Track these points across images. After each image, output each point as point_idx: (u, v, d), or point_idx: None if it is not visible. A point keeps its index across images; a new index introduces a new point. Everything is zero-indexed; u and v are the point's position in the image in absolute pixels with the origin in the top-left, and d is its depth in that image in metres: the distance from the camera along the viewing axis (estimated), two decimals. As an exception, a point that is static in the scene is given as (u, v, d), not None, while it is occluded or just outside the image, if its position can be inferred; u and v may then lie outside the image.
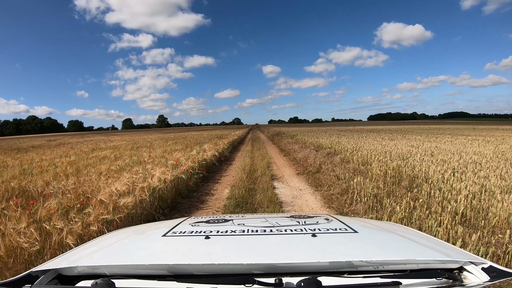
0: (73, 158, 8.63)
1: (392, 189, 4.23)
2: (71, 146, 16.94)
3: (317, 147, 10.31)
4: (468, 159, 6.12)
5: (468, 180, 4.16)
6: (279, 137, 18.16)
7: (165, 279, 0.80)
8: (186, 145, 12.24)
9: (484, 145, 9.25)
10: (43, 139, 33.26)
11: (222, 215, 1.41)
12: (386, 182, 4.62)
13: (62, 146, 17.93)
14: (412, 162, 5.82)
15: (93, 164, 7.11)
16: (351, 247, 0.92)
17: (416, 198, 3.69)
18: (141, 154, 9.01)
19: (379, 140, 12.20)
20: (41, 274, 0.84)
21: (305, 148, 10.39)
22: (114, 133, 59.29)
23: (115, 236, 1.22)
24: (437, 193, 3.68)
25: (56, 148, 15.19)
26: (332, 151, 8.41)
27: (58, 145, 19.60)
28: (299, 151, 9.94)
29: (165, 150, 9.88)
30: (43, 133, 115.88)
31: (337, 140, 12.22)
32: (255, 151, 12.05)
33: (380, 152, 7.59)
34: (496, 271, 0.80)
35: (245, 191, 4.86)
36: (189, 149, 9.38)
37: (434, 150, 7.97)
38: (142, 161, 6.46)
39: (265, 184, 5.46)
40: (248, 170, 6.88)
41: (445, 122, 74.78)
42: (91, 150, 12.39)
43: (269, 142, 18.15)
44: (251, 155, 10.51)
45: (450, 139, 12.65)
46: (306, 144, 11.70)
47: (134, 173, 4.67)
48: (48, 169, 6.18)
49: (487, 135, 15.87)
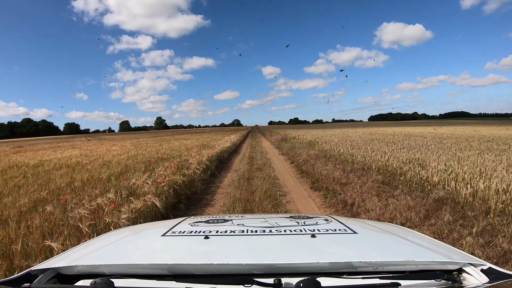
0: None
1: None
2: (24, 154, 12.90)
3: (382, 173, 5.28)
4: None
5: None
6: (290, 145, 12.89)
7: (164, 278, 0.79)
8: (132, 166, 6.93)
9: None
10: (13, 144, 29.24)
11: (221, 215, 1.41)
12: None
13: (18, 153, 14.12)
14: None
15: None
16: (350, 248, 0.93)
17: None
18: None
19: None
20: (40, 273, 0.83)
21: (362, 175, 5.35)
22: (92, 137, 55.39)
23: (115, 236, 1.22)
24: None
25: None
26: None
27: (17, 152, 15.74)
28: (351, 185, 4.90)
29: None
30: (38, 135, 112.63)
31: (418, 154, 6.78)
32: (255, 182, 5.96)
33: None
34: (495, 273, 0.79)
35: None
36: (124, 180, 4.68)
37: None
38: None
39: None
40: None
41: (447, 122, 71.28)
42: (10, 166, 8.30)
43: (279, 155, 11.30)
44: (249, 198, 4.59)
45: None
46: (348, 162, 6.73)
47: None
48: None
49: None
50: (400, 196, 3.84)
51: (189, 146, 13.43)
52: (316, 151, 9.42)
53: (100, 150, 13.75)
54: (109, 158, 9.37)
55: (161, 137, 28.67)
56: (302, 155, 9.08)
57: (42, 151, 15.21)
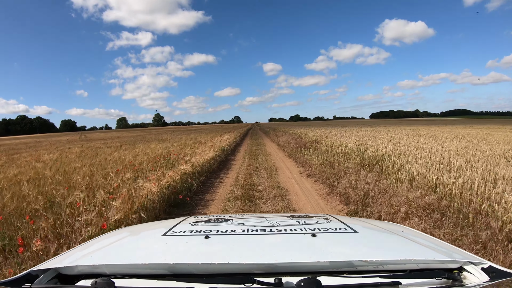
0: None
1: None
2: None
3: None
4: None
5: None
6: (324, 160, 6.64)
7: (165, 278, 0.78)
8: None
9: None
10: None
11: (222, 215, 1.39)
12: None
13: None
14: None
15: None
16: (350, 247, 0.92)
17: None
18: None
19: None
20: (40, 273, 0.83)
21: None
22: (90, 133, 49.87)
23: (115, 236, 1.20)
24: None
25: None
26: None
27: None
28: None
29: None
30: (33, 133, 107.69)
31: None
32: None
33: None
34: (496, 271, 0.79)
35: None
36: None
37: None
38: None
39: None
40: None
41: (450, 120, 66.85)
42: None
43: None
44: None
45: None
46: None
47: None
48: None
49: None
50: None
51: (150, 156, 7.95)
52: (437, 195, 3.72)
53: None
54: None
55: (144, 136, 23.25)
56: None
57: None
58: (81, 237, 2.71)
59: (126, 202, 3.13)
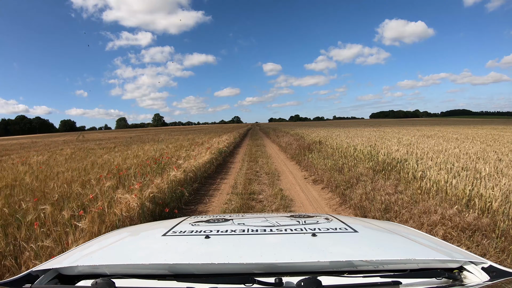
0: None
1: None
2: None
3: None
4: None
5: None
6: (332, 164, 6.17)
7: (165, 278, 0.78)
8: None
9: None
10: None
11: (222, 215, 1.37)
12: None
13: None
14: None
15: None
16: (351, 246, 0.91)
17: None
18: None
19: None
20: (41, 274, 0.82)
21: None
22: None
23: (115, 236, 1.19)
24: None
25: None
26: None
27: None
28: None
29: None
30: (32, 133, 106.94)
31: None
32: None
33: None
34: (496, 271, 0.78)
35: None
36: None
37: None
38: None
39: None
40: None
41: (451, 120, 66.41)
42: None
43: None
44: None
45: None
46: None
47: None
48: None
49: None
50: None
51: (141, 158, 7.34)
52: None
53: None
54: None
55: (142, 136, 22.60)
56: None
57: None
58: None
59: (95, 221, 2.51)
